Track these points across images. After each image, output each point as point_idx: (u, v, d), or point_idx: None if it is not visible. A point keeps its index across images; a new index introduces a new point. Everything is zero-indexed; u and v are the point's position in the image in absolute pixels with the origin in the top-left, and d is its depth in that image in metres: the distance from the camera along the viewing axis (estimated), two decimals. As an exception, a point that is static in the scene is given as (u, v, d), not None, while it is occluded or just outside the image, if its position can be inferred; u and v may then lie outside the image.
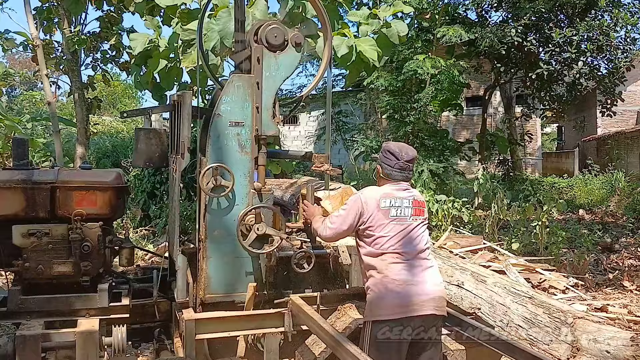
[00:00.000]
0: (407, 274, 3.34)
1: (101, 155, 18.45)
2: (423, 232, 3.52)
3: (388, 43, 7.44)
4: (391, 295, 3.30)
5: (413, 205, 3.50)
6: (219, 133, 3.79)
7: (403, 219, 3.44)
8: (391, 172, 3.52)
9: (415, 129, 12.75)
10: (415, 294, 3.30)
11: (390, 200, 3.45)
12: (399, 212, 3.44)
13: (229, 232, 3.84)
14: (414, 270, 3.36)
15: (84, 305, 3.97)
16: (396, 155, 3.52)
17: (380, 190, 3.52)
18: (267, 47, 3.82)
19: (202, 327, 3.68)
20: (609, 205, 15.52)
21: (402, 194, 3.50)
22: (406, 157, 3.52)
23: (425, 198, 3.86)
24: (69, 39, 11.43)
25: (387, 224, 3.40)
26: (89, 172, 4.12)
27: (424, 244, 3.49)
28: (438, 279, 3.47)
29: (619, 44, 14.07)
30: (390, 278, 3.33)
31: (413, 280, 3.33)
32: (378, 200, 3.43)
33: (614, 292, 7.74)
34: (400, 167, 3.51)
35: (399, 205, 3.46)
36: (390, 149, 3.56)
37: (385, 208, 3.42)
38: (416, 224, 3.47)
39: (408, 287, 3.30)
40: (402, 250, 3.38)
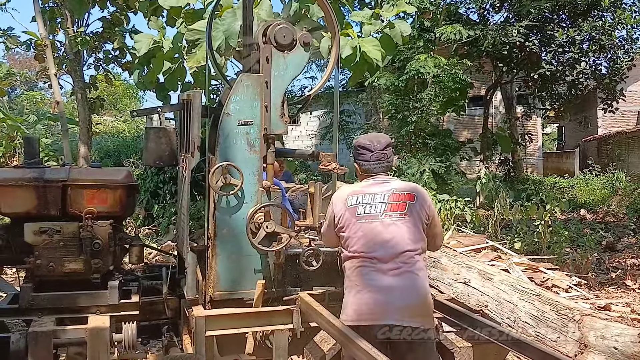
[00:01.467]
0: (372, 279, 3.12)
1: (103, 155, 18.56)
2: (402, 231, 3.16)
3: (391, 43, 7.49)
4: (351, 300, 3.17)
5: (390, 200, 3.21)
6: (228, 132, 3.82)
7: (372, 216, 3.19)
8: (369, 167, 3.35)
9: (417, 128, 12.78)
10: (376, 302, 3.08)
11: (357, 197, 3.26)
12: (368, 210, 3.21)
13: (238, 230, 3.87)
14: (382, 276, 3.11)
15: (95, 302, 3.99)
16: (368, 148, 3.35)
17: (351, 187, 3.40)
18: (275, 46, 3.86)
19: (212, 323, 3.70)
20: (610, 205, 15.55)
21: (375, 189, 3.27)
22: (379, 146, 3.35)
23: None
24: (72, 39, 11.49)
25: (355, 223, 3.21)
26: (99, 170, 4.15)
27: (404, 244, 3.14)
28: (415, 285, 3.13)
29: (621, 43, 14.12)
30: (353, 282, 3.18)
31: (377, 286, 3.10)
32: (345, 199, 3.29)
33: (617, 291, 7.79)
34: (377, 158, 3.33)
35: (368, 201, 3.23)
36: (361, 143, 3.40)
37: (352, 206, 3.24)
38: (390, 221, 3.17)
39: (371, 294, 3.09)
40: (370, 253, 3.15)
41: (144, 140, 4.35)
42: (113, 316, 4.01)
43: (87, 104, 12.23)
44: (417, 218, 3.21)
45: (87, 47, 11.97)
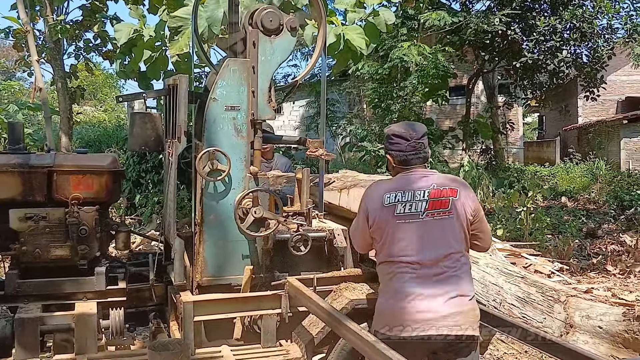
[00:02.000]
0: (415, 286, 2.84)
1: (84, 144, 18.37)
2: (446, 231, 2.91)
3: (376, 31, 7.47)
4: (391, 310, 2.89)
5: (430, 197, 2.92)
6: (214, 117, 3.80)
7: (413, 216, 2.90)
8: (405, 158, 3.03)
9: (401, 117, 12.81)
10: (421, 312, 2.80)
11: (396, 195, 2.95)
12: (408, 209, 2.91)
13: (226, 215, 3.86)
14: (426, 282, 2.84)
15: (81, 288, 3.97)
16: (404, 136, 3.02)
17: (387, 183, 3.09)
18: (262, 31, 3.84)
19: (200, 309, 3.70)
20: (591, 192, 15.75)
21: (415, 185, 2.96)
22: (415, 135, 3.02)
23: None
24: (51, 27, 11.32)
25: (393, 224, 2.92)
26: (85, 156, 4.12)
27: (449, 246, 2.90)
28: (463, 289, 2.88)
29: (601, 32, 14.27)
30: (392, 289, 2.90)
31: (421, 294, 2.83)
32: (381, 196, 2.98)
33: (598, 276, 7.92)
34: (413, 147, 3.00)
35: (407, 199, 2.92)
36: (395, 131, 3.08)
37: (389, 205, 2.94)
38: (432, 221, 2.90)
39: (412, 303, 2.82)
40: (411, 257, 2.87)
41: (129, 125, 4.32)
42: (100, 302, 4.00)
43: (68, 93, 12.07)
44: (462, 215, 2.94)
45: (67, 36, 11.79)
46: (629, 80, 27.37)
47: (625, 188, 14.62)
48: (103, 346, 3.91)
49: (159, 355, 3.40)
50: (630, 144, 23.50)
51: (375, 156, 11.81)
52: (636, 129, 23.22)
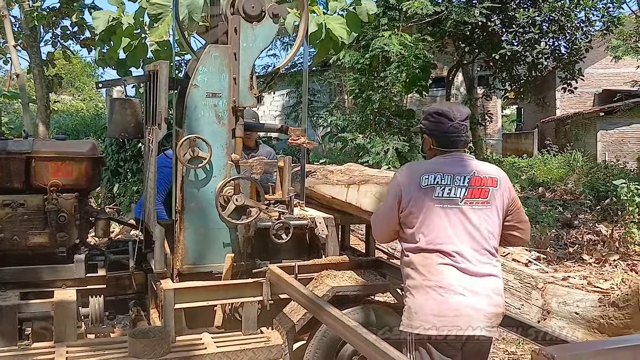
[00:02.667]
0: (456, 279, 2.65)
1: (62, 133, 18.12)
2: (485, 223, 2.73)
3: (357, 21, 7.45)
4: (432, 303, 2.67)
5: (471, 184, 2.72)
6: (195, 104, 3.78)
7: (451, 201, 2.71)
8: (445, 138, 2.83)
9: (381, 107, 12.84)
10: (463, 307, 2.63)
11: (435, 176, 2.73)
12: (447, 193, 2.70)
13: (207, 203, 3.85)
14: (465, 275, 2.67)
15: (60, 276, 3.94)
16: (448, 116, 2.82)
17: (425, 164, 2.87)
18: (244, 17, 3.82)
19: (181, 296, 3.70)
20: (567, 183, 15.94)
21: (454, 168, 2.76)
22: (460, 116, 2.82)
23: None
24: (27, 14, 11.15)
25: (431, 207, 2.70)
26: (64, 142, 4.06)
27: (487, 239, 2.72)
28: (498, 290, 2.74)
29: (579, 24, 14.41)
30: (433, 282, 2.67)
31: (463, 288, 2.65)
32: (418, 177, 2.74)
33: (574, 265, 8.06)
34: (455, 128, 2.81)
35: (447, 183, 2.71)
36: (438, 109, 2.88)
37: (428, 187, 2.72)
38: (471, 210, 2.72)
39: (455, 297, 2.64)
40: (450, 246, 2.68)
41: (109, 112, 4.27)
42: (79, 290, 3.97)
43: (45, 81, 11.91)
44: (500, 208, 2.78)
45: (44, 23, 11.62)
46: (606, 73, 27.68)
47: (601, 179, 14.81)
48: (82, 334, 3.90)
49: (139, 342, 3.40)
50: (606, 135, 23.82)
51: (355, 146, 11.83)
52: (612, 121, 23.55)
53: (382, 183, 3.56)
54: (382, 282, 3.93)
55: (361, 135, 12.61)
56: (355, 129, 13.16)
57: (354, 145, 11.97)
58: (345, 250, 4.43)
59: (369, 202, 3.56)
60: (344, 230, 4.73)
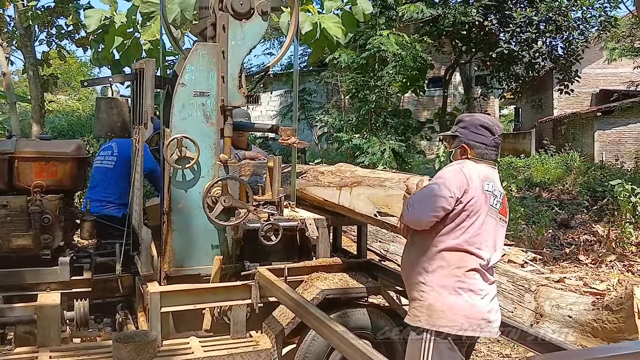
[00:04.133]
0: (485, 285, 2.81)
1: (57, 133, 18.09)
2: (501, 239, 2.91)
3: (353, 20, 7.38)
4: (464, 305, 2.75)
5: (502, 201, 2.89)
6: (183, 103, 3.70)
7: (493, 212, 2.83)
8: (486, 152, 2.90)
9: (378, 107, 12.77)
10: (486, 310, 2.80)
11: (492, 185, 2.84)
12: (494, 203, 2.83)
13: (194, 204, 3.77)
14: (489, 284, 2.84)
15: (45, 279, 3.86)
16: (491, 130, 2.91)
17: (479, 168, 2.86)
18: (232, 15, 3.74)
19: (168, 299, 3.63)
20: (565, 183, 15.89)
21: (497, 182, 2.90)
22: (499, 131, 2.95)
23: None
24: (22, 13, 11.06)
25: (485, 213, 2.79)
26: (48, 142, 3.98)
27: (500, 252, 2.94)
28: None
29: (576, 24, 14.37)
30: (467, 285, 2.76)
31: (488, 295, 2.82)
32: (482, 180, 2.81)
33: (570, 265, 7.97)
34: (495, 144, 2.92)
35: (495, 194, 2.85)
36: (484, 122, 2.93)
37: (488, 192, 2.81)
38: (498, 225, 2.86)
39: (483, 302, 2.79)
40: (486, 254, 2.80)
41: (95, 111, 4.20)
42: (64, 293, 3.89)
43: (40, 81, 11.83)
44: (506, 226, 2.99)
45: (39, 22, 11.53)
46: (603, 73, 27.62)
47: (598, 179, 14.76)
48: (67, 338, 3.81)
49: (124, 347, 3.32)
50: (603, 136, 23.74)
51: (351, 147, 11.76)
52: (609, 121, 23.47)
53: (375, 185, 3.49)
54: (373, 284, 3.86)
55: (357, 135, 12.53)
56: (352, 129, 13.09)
57: (350, 145, 11.89)
58: (336, 252, 4.35)
59: (362, 204, 3.48)
60: (336, 232, 4.65)
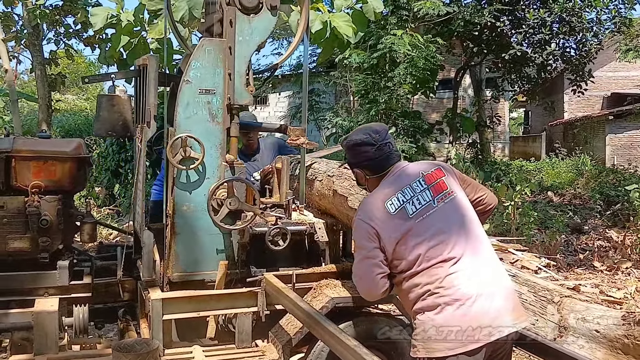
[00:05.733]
0: (469, 285, 2.47)
1: (64, 133, 18.04)
2: (461, 212, 2.63)
3: (363, 19, 7.24)
4: (451, 320, 2.46)
5: (428, 183, 2.64)
6: (187, 101, 3.56)
7: (427, 208, 2.59)
8: (379, 163, 2.75)
9: (388, 108, 12.62)
10: (484, 313, 2.45)
11: (397, 199, 2.60)
12: (418, 203, 2.59)
13: (199, 207, 3.62)
14: (477, 275, 2.50)
15: (43, 283, 3.71)
16: (367, 142, 2.73)
17: (377, 193, 2.71)
18: (240, 9, 3.58)
19: (170, 307, 3.47)
20: (576, 187, 15.68)
21: (405, 180, 2.66)
22: (379, 137, 2.73)
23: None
24: (30, 12, 11.01)
25: (414, 226, 2.56)
26: (47, 141, 3.84)
27: (472, 225, 2.62)
28: (504, 271, 2.66)
29: (590, 25, 14.19)
30: (447, 296, 2.47)
31: (477, 292, 2.46)
32: (383, 209, 2.61)
33: (585, 272, 7.80)
34: (381, 150, 2.72)
35: (411, 195, 2.61)
36: (355, 140, 2.78)
37: (397, 211, 2.59)
38: (445, 205, 2.61)
39: (477, 304, 2.45)
40: (451, 252, 2.52)
41: (96, 109, 4.05)
42: (63, 299, 3.74)
43: (47, 80, 11.77)
44: (459, 189, 2.72)
45: (47, 21, 11.47)
46: (615, 76, 27.41)
47: (610, 184, 14.56)
48: (65, 346, 3.67)
49: (124, 356, 3.16)
50: (615, 139, 23.56)
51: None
52: (621, 125, 23.28)
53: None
54: (385, 292, 3.68)
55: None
56: (361, 130, 12.92)
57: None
58: (346, 258, 4.19)
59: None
60: (346, 236, 4.47)
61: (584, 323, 3.08)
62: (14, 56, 13.05)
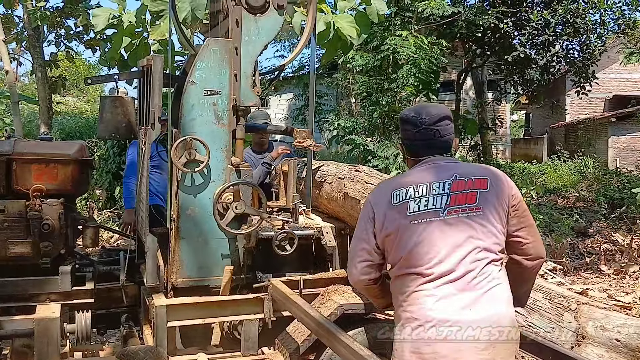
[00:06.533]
0: (437, 308, 2.24)
1: (65, 135, 18.01)
2: (473, 231, 2.29)
3: (367, 21, 7.19)
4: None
5: (452, 190, 2.32)
6: (192, 102, 3.48)
7: (431, 214, 2.32)
8: (413, 147, 2.51)
9: (390, 110, 12.52)
10: (448, 341, 2.22)
11: (407, 190, 2.37)
12: (424, 205, 2.33)
13: (204, 211, 3.54)
14: (454, 302, 2.24)
15: (44, 289, 3.62)
16: (412, 121, 2.47)
17: (397, 178, 2.59)
18: (246, 8, 3.51)
19: (174, 313, 3.38)
20: (580, 190, 15.59)
21: (431, 176, 2.38)
22: (429, 120, 2.44)
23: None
24: (30, 14, 10.96)
25: (406, 226, 2.33)
26: (49, 143, 3.75)
27: (476, 248, 2.28)
28: (498, 310, 2.26)
29: (594, 27, 14.12)
30: (409, 312, 2.30)
31: (444, 318, 2.23)
32: (389, 195, 2.40)
33: (592, 276, 7.71)
34: (423, 135, 2.44)
35: (422, 194, 2.34)
36: (404, 115, 2.54)
37: (399, 204, 2.36)
38: (458, 219, 2.30)
39: (433, 329, 2.23)
40: (433, 268, 2.27)
41: (99, 110, 3.97)
42: (65, 304, 3.66)
43: (48, 82, 11.72)
44: (495, 212, 2.32)
45: (47, 23, 11.42)
46: (616, 78, 27.34)
47: (615, 186, 14.46)
48: (67, 353, 3.58)
49: (128, 364, 3.09)
50: (617, 142, 23.48)
51: (364, 150, 11.49)
52: (624, 127, 23.21)
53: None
54: (394, 297, 3.60)
55: (369, 138, 12.28)
56: (363, 132, 12.85)
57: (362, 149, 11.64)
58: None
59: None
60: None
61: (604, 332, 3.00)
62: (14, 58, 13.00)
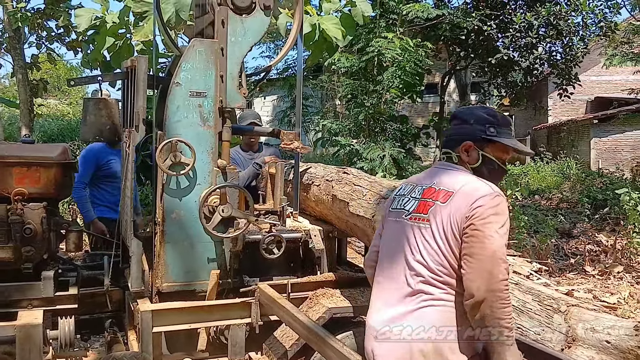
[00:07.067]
0: (376, 318, 2.29)
1: (47, 138, 17.83)
2: (421, 246, 2.19)
3: (352, 22, 7.17)
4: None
5: (422, 196, 2.27)
6: (178, 104, 3.42)
7: (399, 213, 2.34)
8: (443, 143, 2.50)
9: (376, 112, 12.53)
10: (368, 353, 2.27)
11: (401, 187, 2.47)
12: (400, 204, 2.36)
13: (190, 214, 3.48)
14: (386, 314, 2.24)
15: (26, 295, 3.55)
16: (455, 115, 2.47)
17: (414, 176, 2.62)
18: (232, 9, 3.46)
19: (160, 319, 3.33)
20: (563, 191, 15.69)
21: (421, 179, 2.40)
22: (462, 115, 2.41)
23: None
24: (11, 15, 10.83)
25: (387, 221, 2.43)
26: (31, 146, 3.67)
27: (415, 262, 2.19)
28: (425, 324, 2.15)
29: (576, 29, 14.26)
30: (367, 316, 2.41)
31: (376, 329, 2.26)
32: (398, 186, 2.55)
33: (577, 277, 7.73)
34: (448, 133, 2.44)
35: (404, 194, 2.39)
36: (456, 111, 2.53)
37: (392, 197, 2.46)
38: (415, 227, 2.23)
39: (368, 342, 2.30)
40: (384, 264, 2.34)
41: (82, 113, 3.90)
42: (48, 310, 3.59)
43: (29, 85, 11.58)
44: (442, 228, 2.16)
45: (28, 24, 11.29)
46: (598, 80, 27.56)
47: (597, 187, 14.57)
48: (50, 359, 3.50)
49: (112, 371, 3.04)
50: (600, 143, 23.68)
51: (349, 152, 11.49)
52: (606, 129, 23.41)
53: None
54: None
55: (355, 140, 12.27)
56: (348, 133, 12.83)
57: (347, 150, 11.63)
58: (341, 265, 4.07)
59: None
60: (341, 243, 4.35)
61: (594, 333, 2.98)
62: (-7, 59, 12.85)
